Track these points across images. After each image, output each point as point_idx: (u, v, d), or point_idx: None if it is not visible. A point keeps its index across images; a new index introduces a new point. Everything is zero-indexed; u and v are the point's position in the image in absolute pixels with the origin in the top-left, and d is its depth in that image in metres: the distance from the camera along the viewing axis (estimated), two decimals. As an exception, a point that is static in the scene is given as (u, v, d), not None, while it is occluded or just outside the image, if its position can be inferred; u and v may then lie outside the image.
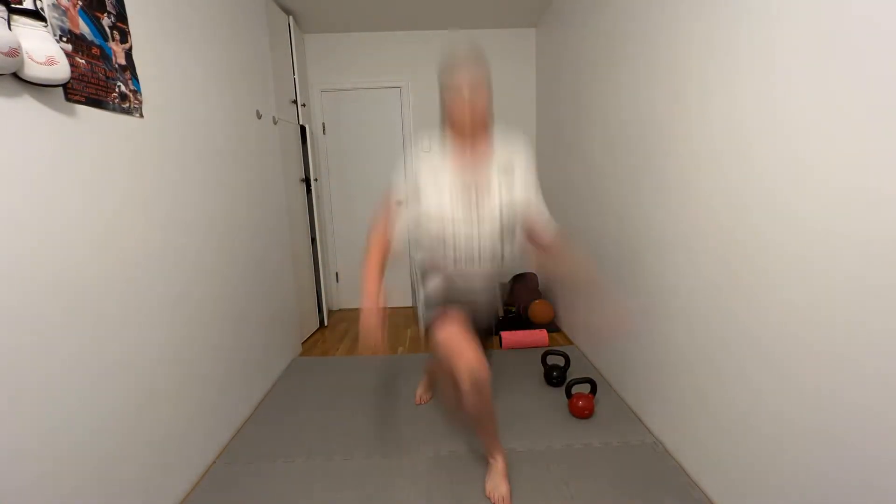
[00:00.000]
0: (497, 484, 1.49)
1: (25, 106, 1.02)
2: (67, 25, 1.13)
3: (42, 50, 0.99)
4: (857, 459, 0.95)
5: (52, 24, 1.08)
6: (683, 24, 1.47)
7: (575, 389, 2.01)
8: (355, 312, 3.64)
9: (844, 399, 0.97)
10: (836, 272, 0.97)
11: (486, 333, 1.62)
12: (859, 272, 0.92)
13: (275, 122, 2.54)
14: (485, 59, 1.35)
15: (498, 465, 1.53)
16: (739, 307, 1.27)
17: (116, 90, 1.30)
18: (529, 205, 1.41)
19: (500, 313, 1.53)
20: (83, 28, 1.18)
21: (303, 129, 3.09)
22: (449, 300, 1.48)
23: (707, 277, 1.41)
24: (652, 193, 1.73)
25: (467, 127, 1.31)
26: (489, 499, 1.47)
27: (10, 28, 0.94)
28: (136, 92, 1.38)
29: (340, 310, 3.74)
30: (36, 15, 1.00)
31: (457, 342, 1.34)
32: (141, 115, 1.40)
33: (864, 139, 0.89)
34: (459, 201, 1.34)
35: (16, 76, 0.98)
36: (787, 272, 1.10)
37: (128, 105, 1.34)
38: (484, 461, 1.64)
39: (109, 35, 1.28)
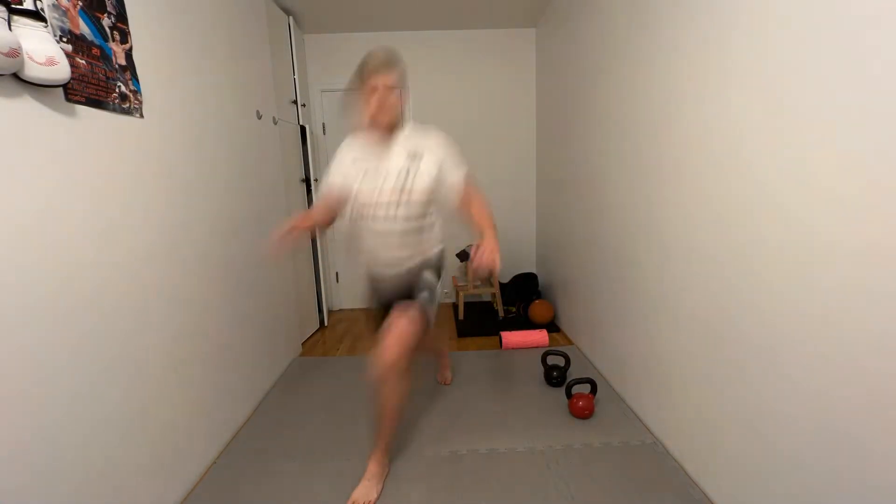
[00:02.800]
0: (368, 490, 1.50)
1: (26, 106, 1.02)
2: (67, 26, 1.13)
3: (42, 50, 0.99)
4: (855, 459, 0.95)
5: (52, 25, 1.08)
6: (681, 26, 1.47)
7: (575, 389, 2.01)
8: (356, 312, 3.65)
9: (842, 399, 0.97)
10: (833, 274, 0.97)
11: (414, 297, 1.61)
12: (855, 273, 0.92)
13: (275, 123, 2.54)
14: (399, 63, 1.47)
15: (376, 469, 1.56)
16: (737, 309, 1.27)
17: (116, 90, 1.30)
18: (442, 179, 1.52)
19: (435, 284, 1.64)
20: (83, 28, 1.18)
21: (303, 129, 3.09)
22: (372, 287, 1.73)
23: (706, 279, 1.41)
24: (651, 194, 1.73)
25: (382, 121, 1.46)
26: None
27: (10, 28, 0.94)
28: (137, 92, 1.38)
29: (340, 310, 3.74)
30: (36, 15, 1.00)
31: (384, 335, 1.53)
32: (141, 116, 1.40)
33: (861, 141, 0.89)
34: (370, 185, 1.50)
35: (16, 76, 0.98)
36: (784, 274, 1.10)
37: (128, 105, 1.35)
38: (486, 461, 1.64)
39: (110, 35, 1.28)
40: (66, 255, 1.11)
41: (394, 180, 1.48)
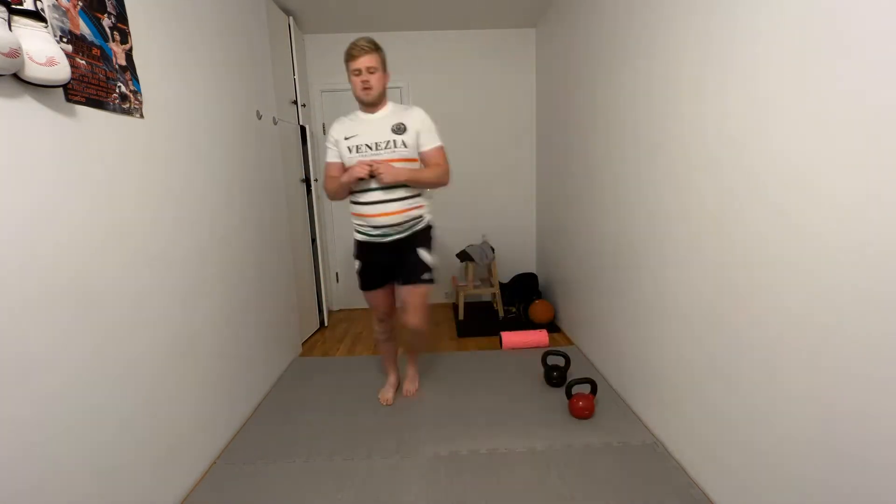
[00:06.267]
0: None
1: (26, 107, 1.02)
2: (68, 26, 1.14)
3: (42, 51, 0.99)
4: (853, 461, 0.95)
5: (52, 25, 1.08)
6: (680, 26, 1.47)
7: (575, 389, 2.01)
8: (356, 312, 3.65)
9: (839, 402, 0.97)
10: (829, 277, 0.97)
11: (408, 266, 1.86)
12: (852, 277, 0.92)
13: (275, 123, 2.54)
14: (378, 47, 1.70)
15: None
16: (737, 310, 1.27)
17: (117, 91, 1.30)
18: (419, 145, 1.78)
19: (427, 257, 1.87)
20: (83, 29, 1.19)
21: (303, 129, 3.09)
22: (363, 256, 1.90)
23: (706, 280, 1.41)
24: (650, 194, 1.73)
25: (365, 99, 1.73)
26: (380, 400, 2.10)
27: (10, 29, 0.94)
28: (137, 92, 1.38)
29: (340, 310, 3.74)
30: (36, 16, 1.00)
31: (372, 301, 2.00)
32: (141, 116, 1.40)
33: (855, 145, 0.89)
34: (363, 154, 1.73)
35: (16, 77, 0.98)
36: (784, 276, 1.10)
37: (128, 105, 1.35)
38: (484, 462, 1.65)
39: (110, 36, 1.28)
40: (65, 256, 1.11)
41: (382, 152, 1.72)
